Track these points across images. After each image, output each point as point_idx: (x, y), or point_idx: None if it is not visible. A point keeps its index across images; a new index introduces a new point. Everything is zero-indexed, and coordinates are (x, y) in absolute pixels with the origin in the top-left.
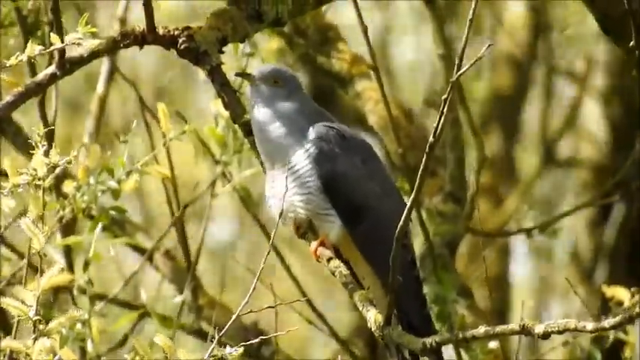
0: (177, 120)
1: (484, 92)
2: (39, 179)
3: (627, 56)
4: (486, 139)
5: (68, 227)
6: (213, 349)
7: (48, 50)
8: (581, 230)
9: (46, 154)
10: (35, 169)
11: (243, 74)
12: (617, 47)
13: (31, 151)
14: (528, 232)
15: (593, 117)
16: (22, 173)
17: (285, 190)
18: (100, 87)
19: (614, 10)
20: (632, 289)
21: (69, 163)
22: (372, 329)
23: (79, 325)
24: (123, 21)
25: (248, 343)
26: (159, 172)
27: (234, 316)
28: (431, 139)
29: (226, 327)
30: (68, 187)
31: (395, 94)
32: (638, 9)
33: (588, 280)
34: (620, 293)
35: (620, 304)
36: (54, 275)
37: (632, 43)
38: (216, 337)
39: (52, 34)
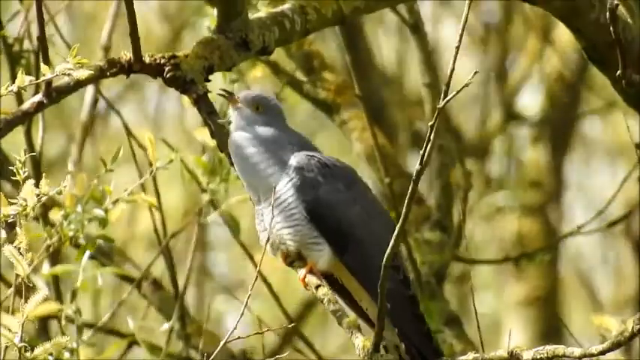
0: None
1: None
2: (30, 209)
3: (614, 85)
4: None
5: (56, 256)
6: None
7: (38, 81)
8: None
9: (37, 184)
10: (25, 199)
11: (226, 92)
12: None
13: (12, 178)
14: (515, 260)
15: None
16: (12, 203)
17: (272, 217)
18: (84, 114)
19: (601, 39)
20: (621, 319)
21: (59, 193)
22: (361, 356)
23: (67, 354)
24: (107, 49)
25: None
26: (146, 200)
27: (221, 343)
28: (417, 166)
29: (214, 354)
30: (56, 215)
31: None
32: (624, 39)
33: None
34: (608, 322)
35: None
36: (39, 303)
37: (618, 73)
38: None
39: (42, 64)
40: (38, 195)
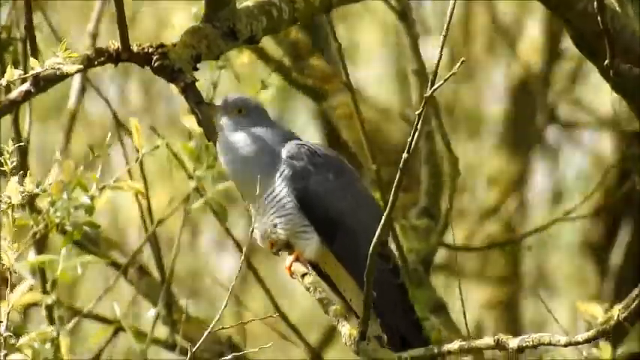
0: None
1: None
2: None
3: (602, 74)
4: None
5: (42, 243)
6: None
7: (27, 75)
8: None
9: (21, 181)
10: (10, 197)
11: (206, 104)
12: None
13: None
14: (502, 245)
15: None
16: None
17: (260, 210)
18: (72, 101)
19: (589, 28)
20: (605, 305)
21: (44, 191)
22: (347, 344)
23: (48, 344)
24: (94, 36)
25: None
26: (132, 187)
27: (206, 332)
28: (405, 154)
29: (198, 343)
30: (42, 202)
31: (369, 109)
32: (612, 28)
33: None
34: (593, 309)
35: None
36: (24, 292)
37: (606, 62)
38: (190, 352)
39: (31, 59)
40: (23, 192)
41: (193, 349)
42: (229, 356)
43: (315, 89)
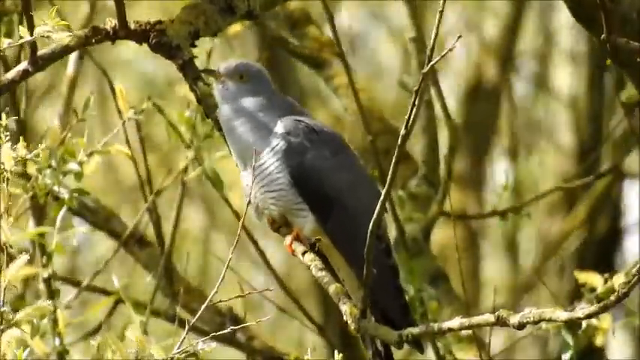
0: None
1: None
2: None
3: (600, 45)
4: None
5: (41, 213)
6: (184, 339)
7: (18, 43)
8: (550, 219)
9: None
10: (3, 163)
11: (208, 71)
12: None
13: None
14: (502, 214)
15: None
16: None
17: (252, 182)
18: (70, 68)
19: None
20: (605, 276)
21: (37, 156)
22: (348, 322)
23: (45, 320)
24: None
25: (221, 332)
26: (119, 151)
27: (204, 305)
28: (402, 130)
29: (196, 316)
30: (31, 168)
31: (368, 77)
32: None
33: (559, 270)
34: (593, 279)
35: (592, 290)
36: (20, 267)
37: (602, 37)
38: (188, 326)
39: (21, 27)
40: (16, 158)
41: (190, 324)
42: (227, 330)
43: (312, 58)
